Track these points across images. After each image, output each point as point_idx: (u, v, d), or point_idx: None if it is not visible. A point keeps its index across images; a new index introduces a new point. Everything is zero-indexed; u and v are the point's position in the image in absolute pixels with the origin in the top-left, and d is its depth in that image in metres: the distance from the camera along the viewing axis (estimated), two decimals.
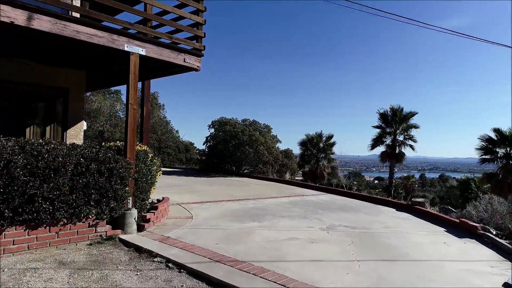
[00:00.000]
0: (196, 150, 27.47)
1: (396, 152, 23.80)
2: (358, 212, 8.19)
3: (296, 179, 19.97)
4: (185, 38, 6.53)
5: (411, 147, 23.77)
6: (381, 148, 24.62)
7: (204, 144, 20.13)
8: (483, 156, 19.08)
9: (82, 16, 5.37)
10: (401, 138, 24.07)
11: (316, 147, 24.60)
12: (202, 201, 8.68)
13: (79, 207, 4.70)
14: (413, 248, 5.32)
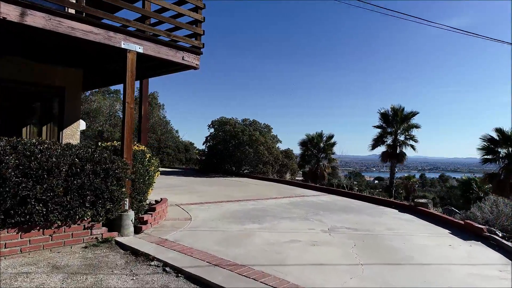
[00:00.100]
0: (196, 150, 27.34)
1: (397, 152, 23.68)
2: (360, 213, 8.05)
3: (296, 179, 19.83)
4: (184, 36, 6.40)
5: (412, 147, 23.68)
6: (382, 148, 24.56)
7: (203, 144, 20.01)
8: (485, 156, 19.00)
9: (78, 13, 5.23)
10: (402, 138, 23.98)
11: (317, 147, 24.50)
12: (201, 202, 8.54)
13: (74, 209, 4.56)
14: (417, 251, 5.18)
